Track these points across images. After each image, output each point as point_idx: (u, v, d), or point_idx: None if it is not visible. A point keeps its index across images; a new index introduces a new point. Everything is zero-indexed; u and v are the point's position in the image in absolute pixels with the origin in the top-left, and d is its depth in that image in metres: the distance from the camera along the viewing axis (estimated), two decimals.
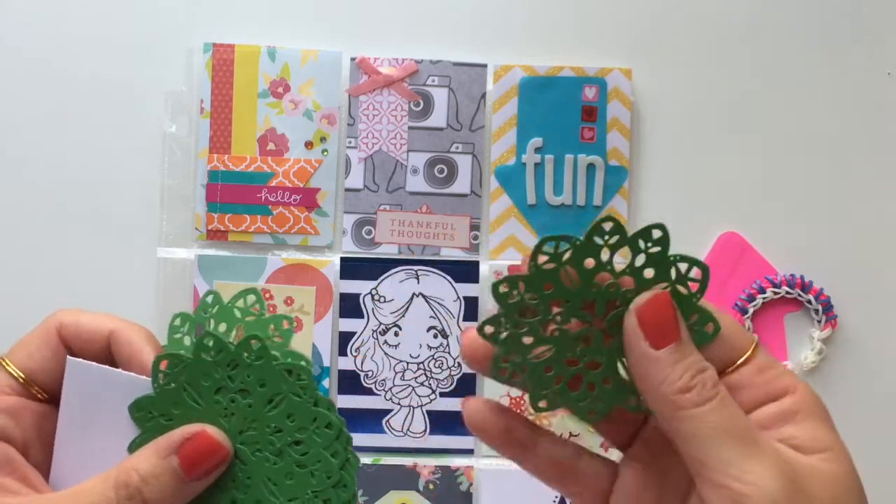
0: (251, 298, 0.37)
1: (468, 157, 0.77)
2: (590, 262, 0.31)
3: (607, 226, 0.30)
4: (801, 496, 0.28)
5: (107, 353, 0.36)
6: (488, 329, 0.31)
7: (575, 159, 0.77)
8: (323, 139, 0.76)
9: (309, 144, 0.76)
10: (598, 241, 0.30)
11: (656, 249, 0.31)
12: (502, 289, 0.31)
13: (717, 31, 0.78)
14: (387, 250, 0.77)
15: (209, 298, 0.37)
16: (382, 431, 0.76)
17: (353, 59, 0.76)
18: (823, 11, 0.79)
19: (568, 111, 0.77)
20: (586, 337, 0.31)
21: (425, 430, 0.76)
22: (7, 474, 0.33)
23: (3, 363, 0.35)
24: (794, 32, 0.78)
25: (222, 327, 0.37)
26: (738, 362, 0.30)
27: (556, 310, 0.31)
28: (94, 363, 0.36)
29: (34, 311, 0.75)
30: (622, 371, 0.32)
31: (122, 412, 0.35)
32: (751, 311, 0.77)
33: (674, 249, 0.31)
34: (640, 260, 0.31)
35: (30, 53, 0.76)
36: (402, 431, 0.76)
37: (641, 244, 0.31)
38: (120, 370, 0.36)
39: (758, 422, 0.30)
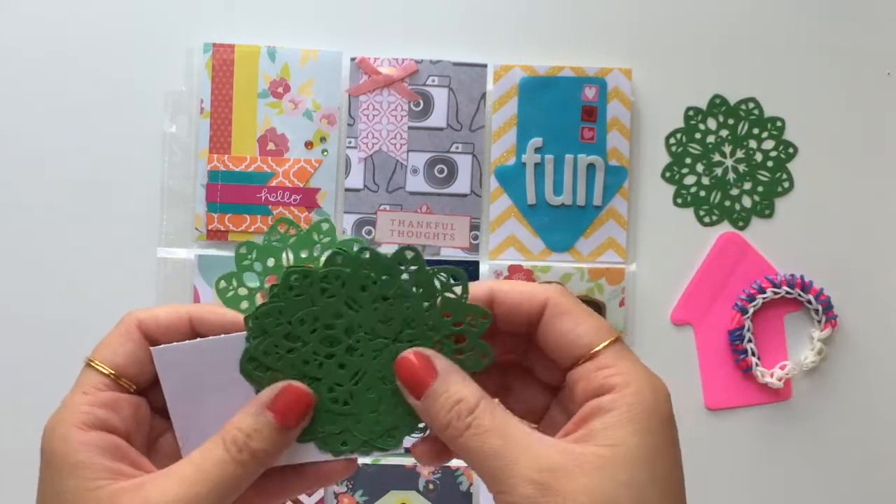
0: (325, 225, 0.41)
1: (468, 157, 0.77)
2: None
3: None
4: (551, 492, 0.32)
5: (192, 336, 0.39)
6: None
7: (575, 159, 0.77)
8: (323, 139, 0.76)
9: (309, 144, 0.76)
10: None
11: (413, 267, 0.37)
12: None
13: (717, 30, 0.78)
14: (387, 250, 0.77)
15: (281, 227, 0.41)
16: None
17: (353, 59, 0.76)
18: (823, 11, 0.79)
19: (568, 111, 0.77)
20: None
21: (425, 430, 0.76)
22: (119, 460, 0.36)
23: (92, 364, 0.37)
24: (793, 32, 0.78)
25: (303, 254, 0.41)
26: (583, 359, 0.36)
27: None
28: (178, 343, 0.38)
29: (35, 311, 0.76)
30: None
31: (225, 375, 0.38)
32: (751, 311, 0.77)
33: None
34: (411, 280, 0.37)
35: (30, 54, 0.76)
36: None
37: (402, 267, 0.37)
38: (207, 337, 0.38)
39: (581, 414, 0.35)
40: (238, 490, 0.36)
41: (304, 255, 0.41)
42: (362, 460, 0.75)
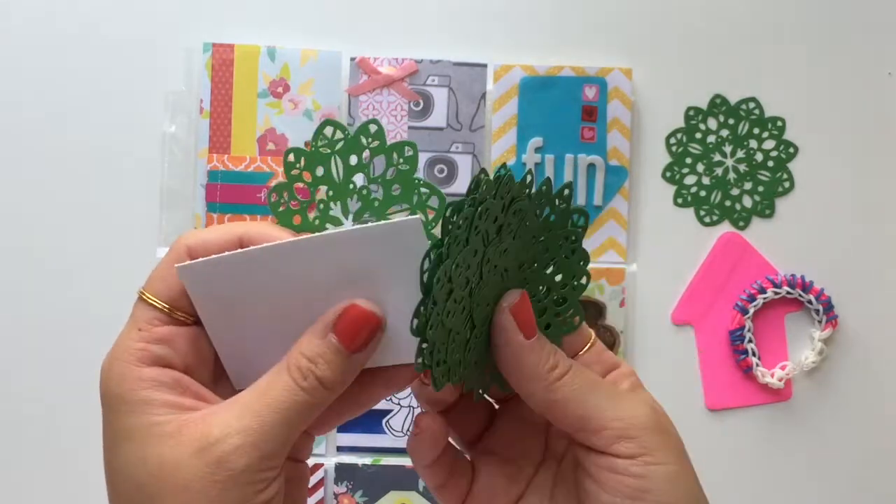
0: (373, 127, 0.39)
1: (468, 157, 0.77)
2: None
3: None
4: (665, 420, 0.35)
5: None
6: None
7: (575, 159, 0.76)
8: None
9: (309, 144, 0.76)
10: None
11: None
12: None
13: (717, 31, 0.78)
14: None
15: (327, 130, 0.39)
16: (382, 432, 0.76)
17: (352, 59, 0.76)
18: (823, 11, 0.79)
19: (568, 111, 0.77)
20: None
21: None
22: (180, 394, 0.34)
23: (144, 297, 0.36)
24: (794, 32, 0.78)
25: (353, 159, 0.39)
26: (585, 349, 0.38)
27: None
28: (202, 259, 0.35)
29: (36, 311, 0.76)
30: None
31: (266, 290, 0.35)
32: (751, 311, 0.77)
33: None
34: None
35: (30, 53, 0.76)
36: (402, 431, 0.76)
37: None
38: (238, 251, 0.35)
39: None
40: (307, 419, 0.34)
41: (353, 161, 0.38)
42: (361, 460, 0.75)
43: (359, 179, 0.40)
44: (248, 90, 0.76)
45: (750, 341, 0.77)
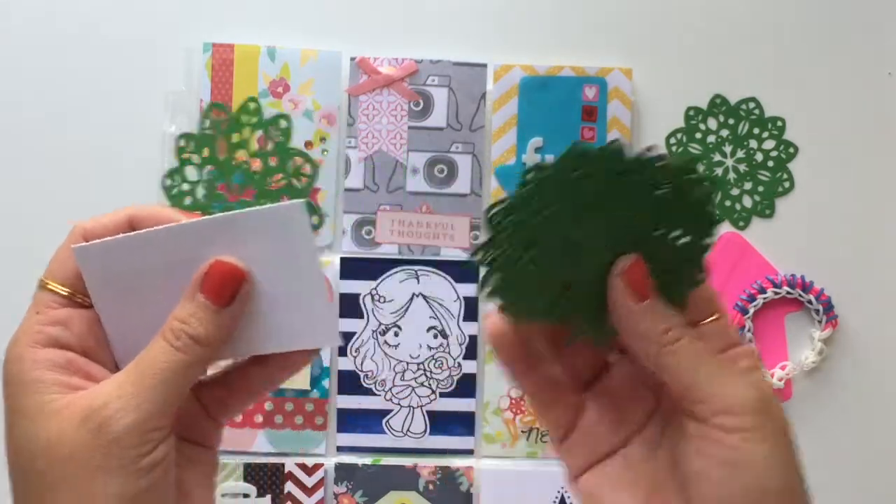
0: (252, 106, 0.40)
1: (468, 157, 0.77)
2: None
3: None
4: (771, 405, 0.34)
5: None
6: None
7: None
8: (323, 139, 0.76)
9: (309, 144, 0.76)
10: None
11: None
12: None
13: (717, 31, 0.78)
14: (387, 250, 0.77)
15: (212, 113, 0.39)
16: (382, 432, 0.76)
17: (352, 59, 0.76)
18: (823, 11, 0.79)
19: (568, 111, 0.77)
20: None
21: (425, 431, 0.76)
22: (71, 374, 0.36)
23: (44, 283, 0.38)
24: (793, 32, 0.78)
25: (234, 138, 0.39)
26: (710, 320, 0.37)
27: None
28: (98, 240, 0.37)
29: None
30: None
31: (156, 271, 0.36)
32: (751, 311, 0.77)
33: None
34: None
35: (30, 53, 0.76)
36: (402, 432, 0.76)
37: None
38: (130, 233, 0.37)
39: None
40: (187, 379, 0.36)
41: (235, 138, 0.41)
42: (361, 460, 0.75)
43: (242, 156, 0.42)
44: (248, 90, 0.76)
45: (750, 341, 0.77)
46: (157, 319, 0.36)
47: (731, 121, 0.78)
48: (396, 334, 0.76)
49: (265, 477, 0.75)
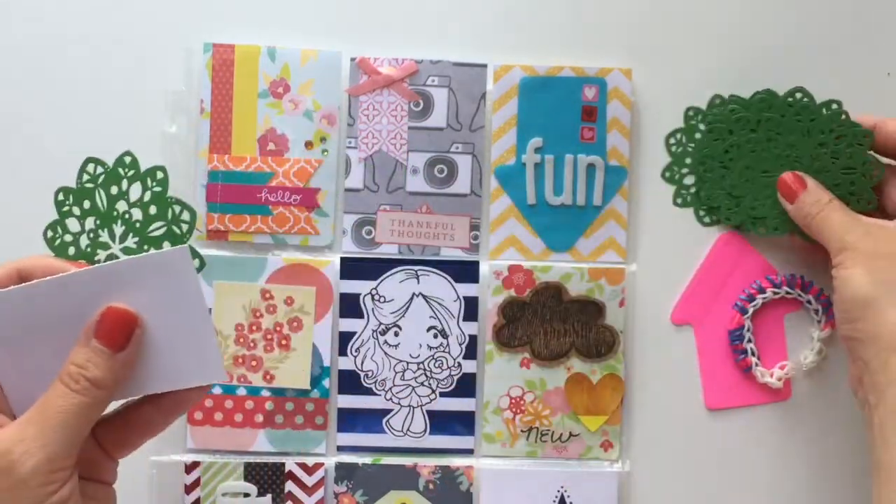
0: (128, 159, 0.47)
1: (468, 157, 0.77)
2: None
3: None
4: (877, 244, 0.62)
5: None
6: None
7: (575, 159, 0.77)
8: (323, 139, 0.76)
9: (309, 144, 0.76)
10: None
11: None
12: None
13: (718, 31, 0.78)
14: (387, 250, 0.77)
15: (89, 167, 0.46)
16: (382, 431, 0.76)
17: (353, 59, 0.76)
18: (823, 11, 0.79)
19: (568, 111, 0.77)
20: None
21: (425, 430, 0.76)
22: None
23: None
24: (793, 32, 0.78)
25: (113, 189, 0.45)
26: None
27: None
28: None
29: None
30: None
31: (50, 321, 0.38)
32: (751, 311, 0.77)
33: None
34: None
35: (29, 53, 0.76)
36: (402, 431, 0.76)
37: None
38: (20, 285, 0.38)
39: None
40: (87, 420, 0.37)
41: (114, 191, 0.43)
42: (361, 460, 0.76)
43: (122, 206, 0.45)
44: (248, 90, 0.76)
45: (749, 341, 0.77)
46: (52, 367, 0.37)
47: None
48: (396, 334, 0.76)
49: (265, 476, 0.75)
